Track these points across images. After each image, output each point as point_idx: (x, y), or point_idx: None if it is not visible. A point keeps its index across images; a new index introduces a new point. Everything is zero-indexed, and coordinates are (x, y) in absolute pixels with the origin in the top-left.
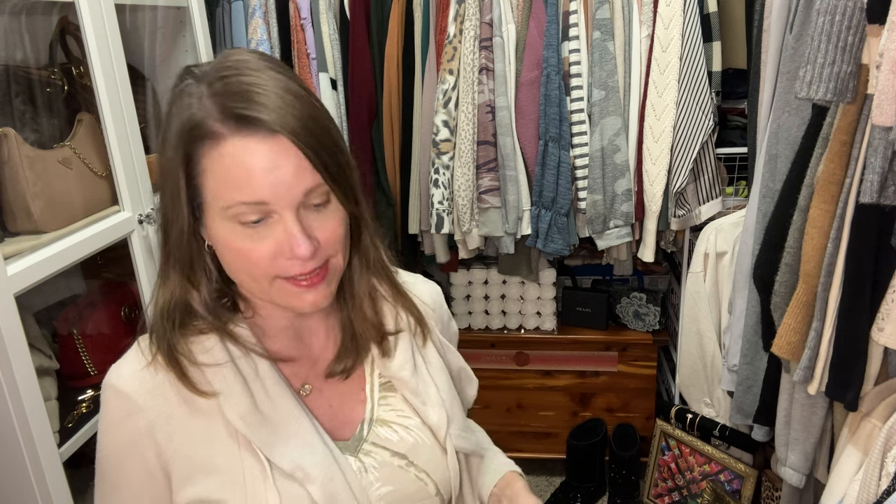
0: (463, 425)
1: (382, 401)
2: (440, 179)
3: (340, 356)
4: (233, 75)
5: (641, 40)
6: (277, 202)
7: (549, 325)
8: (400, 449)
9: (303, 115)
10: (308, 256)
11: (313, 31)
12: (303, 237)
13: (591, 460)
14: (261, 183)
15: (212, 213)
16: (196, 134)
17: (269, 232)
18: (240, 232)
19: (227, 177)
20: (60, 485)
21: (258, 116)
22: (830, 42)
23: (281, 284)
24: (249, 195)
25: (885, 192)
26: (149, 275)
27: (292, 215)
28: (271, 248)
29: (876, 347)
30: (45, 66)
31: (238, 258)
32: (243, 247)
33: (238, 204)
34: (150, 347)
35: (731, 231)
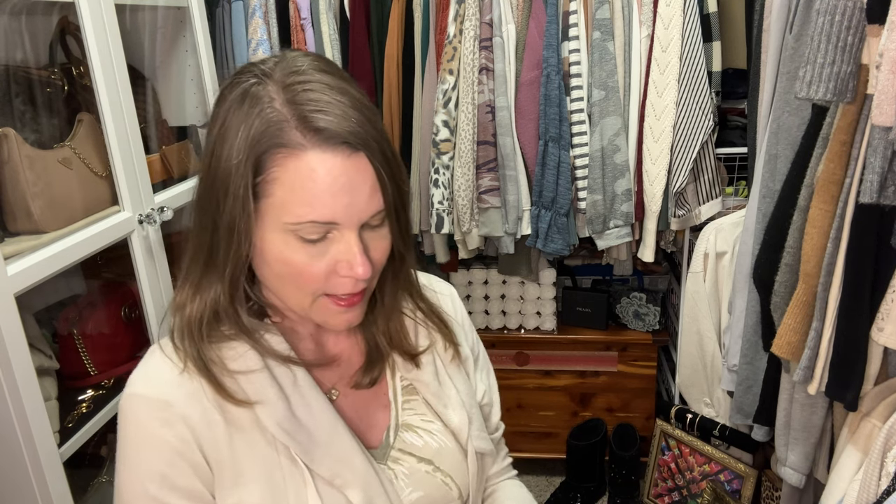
0: (481, 426)
1: (406, 405)
2: (440, 179)
3: (367, 369)
4: (304, 81)
5: (641, 40)
6: (347, 222)
7: (549, 325)
8: (425, 454)
9: (377, 133)
10: (366, 277)
11: (313, 31)
12: (363, 257)
13: (591, 460)
14: (337, 203)
15: (268, 224)
16: (270, 141)
17: (327, 248)
18: (297, 247)
19: (300, 191)
20: (60, 485)
21: (339, 132)
22: (830, 42)
23: (323, 302)
24: (322, 214)
25: (884, 192)
26: (149, 275)
27: (355, 235)
28: (329, 265)
29: (876, 347)
30: (45, 66)
31: (290, 272)
32: (299, 262)
33: (308, 222)
34: (178, 354)
35: (731, 231)
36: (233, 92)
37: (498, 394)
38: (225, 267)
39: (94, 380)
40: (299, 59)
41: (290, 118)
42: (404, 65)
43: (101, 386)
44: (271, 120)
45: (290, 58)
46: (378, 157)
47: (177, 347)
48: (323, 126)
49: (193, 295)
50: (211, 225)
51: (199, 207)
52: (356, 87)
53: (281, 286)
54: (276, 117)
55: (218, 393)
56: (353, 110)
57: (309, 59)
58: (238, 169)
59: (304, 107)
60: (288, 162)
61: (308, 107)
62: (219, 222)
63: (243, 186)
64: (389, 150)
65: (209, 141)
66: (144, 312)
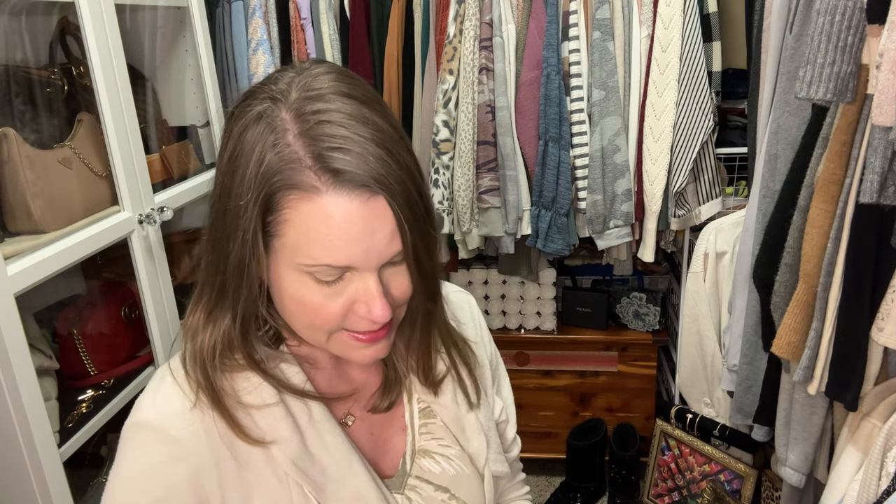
0: (498, 447)
1: (423, 429)
2: (440, 179)
3: (384, 393)
4: (321, 110)
5: (641, 40)
6: (364, 266)
7: (549, 325)
8: (442, 482)
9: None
10: (386, 319)
11: (313, 31)
12: (382, 300)
13: (591, 460)
14: (353, 247)
15: (281, 261)
16: (282, 181)
17: (344, 289)
18: (312, 287)
19: (315, 235)
20: (60, 485)
21: (358, 173)
22: (830, 42)
23: (342, 337)
24: (338, 259)
25: (884, 192)
26: (149, 275)
27: (374, 276)
28: (345, 305)
29: (876, 347)
30: (45, 66)
31: (304, 311)
32: (314, 302)
33: (323, 266)
34: (190, 383)
35: (731, 231)
36: (244, 115)
37: (514, 406)
38: (236, 304)
39: (94, 380)
40: (319, 78)
41: (305, 156)
42: (404, 65)
43: (101, 386)
44: (284, 157)
45: (308, 76)
46: (399, 199)
47: (188, 376)
48: (340, 168)
49: (206, 322)
50: (223, 260)
51: (211, 237)
52: (381, 110)
53: (295, 322)
54: (289, 155)
55: (230, 429)
56: (375, 146)
57: (330, 79)
58: (247, 210)
59: (320, 143)
60: (301, 204)
61: (324, 144)
62: (229, 259)
63: (252, 230)
64: (415, 188)
65: (219, 169)
66: (144, 312)
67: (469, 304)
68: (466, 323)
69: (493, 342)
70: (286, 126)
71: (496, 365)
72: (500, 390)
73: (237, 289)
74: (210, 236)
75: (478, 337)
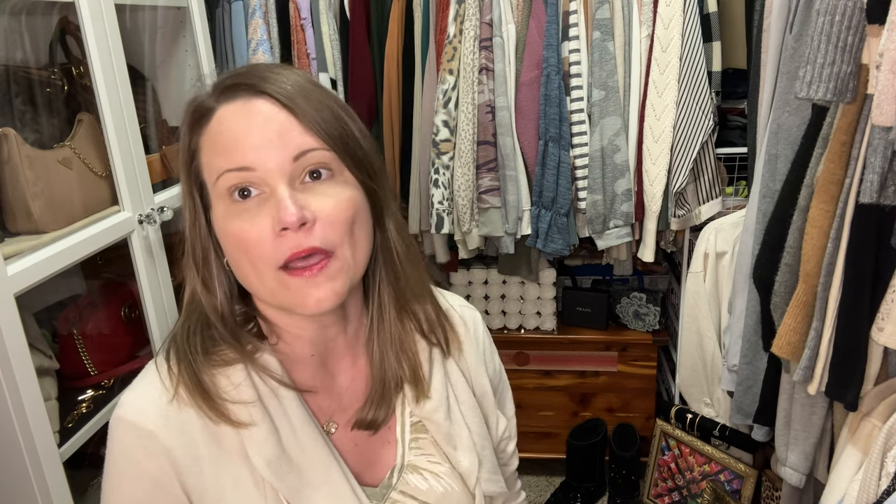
0: (493, 467)
1: (413, 443)
2: (440, 179)
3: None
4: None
5: (641, 40)
6: (263, 168)
7: (549, 325)
8: (429, 499)
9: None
10: (295, 223)
11: (313, 31)
12: (290, 202)
13: (591, 460)
14: (243, 145)
15: (213, 201)
16: (195, 118)
17: (260, 209)
18: (233, 212)
19: (213, 146)
20: (60, 485)
21: (244, 82)
22: (830, 42)
23: (281, 277)
24: (233, 160)
25: (884, 192)
26: (149, 275)
27: (283, 184)
28: (264, 225)
29: (876, 347)
30: (45, 66)
31: (236, 246)
32: (236, 228)
33: (224, 172)
34: (171, 377)
35: (731, 231)
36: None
37: (514, 419)
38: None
39: (94, 380)
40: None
41: (209, 92)
42: (404, 65)
43: (101, 386)
44: (195, 100)
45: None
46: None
47: (171, 370)
48: (229, 83)
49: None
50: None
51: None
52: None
53: (241, 271)
54: (199, 97)
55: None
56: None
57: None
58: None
59: (222, 79)
60: (205, 128)
61: (225, 77)
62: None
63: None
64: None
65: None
66: (144, 312)
67: (474, 322)
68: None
69: (498, 358)
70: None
71: (499, 381)
72: (503, 407)
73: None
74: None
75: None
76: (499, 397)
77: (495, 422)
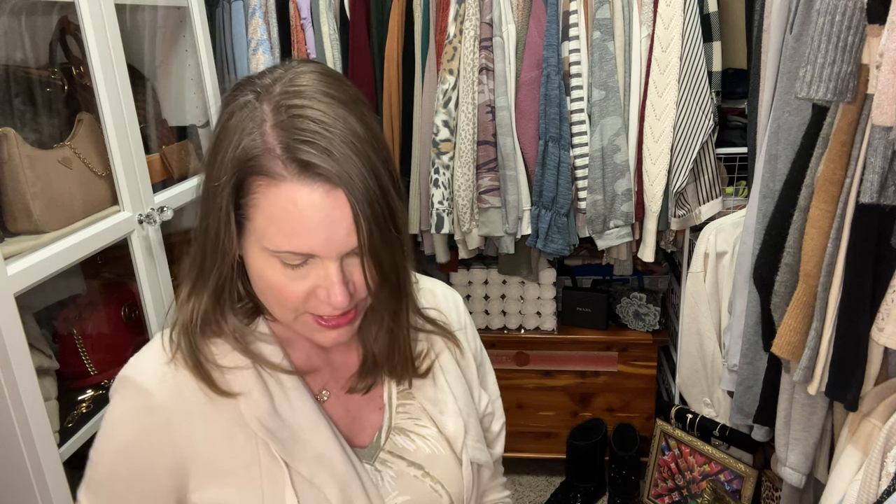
0: (478, 436)
1: (400, 408)
2: (440, 179)
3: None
4: (299, 106)
5: (641, 40)
6: (325, 254)
7: (549, 325)
8: (416, 459)
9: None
10: (345, 307)
11: (313, 31)
12: (342, 287)
13: (591, 460)
14: (314, 236)
15: (252, 243)
16: (254, 166)
17: (308, 273)
18: (278, 270)
19: (279, 221)
20: (60, 485)
21: (322, 166)
22: (830, 42)
23: (306, 319)
24: (299, 246)
25: (885, 192)
26: (149, 275)
27: (335, 264)
28: (307, 289)
29: (876, 347)
30: (45, 66)
31: (271, 290)
32: (279, 283)
33: (286, 252)
34: (170, 345)
35: (731, 231)
36: (229, 105)
37: (500, 401)
38: (209, 276)
39: (93, 380)
40: (304, 76)
41: (276, 145)
42: (404, 65)
43: (101, 386)
44: (257, 145)
45: (293, 73)
46: (358, 195)
47: (171, 339)
48: (305, 159)
49: (189, 296)
50: (203, 234)
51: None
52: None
53: (265, 299)
54: (263, 143)
55: (205, 383)
56: (342, 143)
57: (313, 78)
58: (223, 190)
59: (291, 135)
60: (268, 191)
61: (295, 136)
62: (208, 233)
63: (225, 209)
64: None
65: (207, 152)
66: (144, 312)
67: (454, 300)
68: (449, 315)
69: (479, 339)
70: (264, 117)
71: (481, 360)
72: (485, 385)
73: (213, 262)
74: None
75: (461, 330)
76: (481, 376)
77: (478, 395)
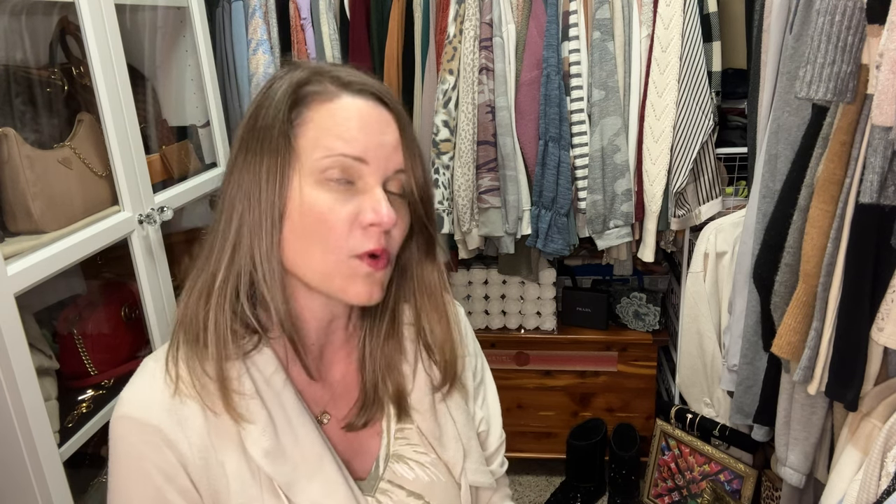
0: (479, 458)
1: (399, 434)
2: (440, 179)
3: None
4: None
5: (641, 40)
6: (374, 165)
7: (549, 325)
8: (415, 488)
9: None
10: (389, 224)
11: (313, 31)
12: (387, 204)
13: (591, 460)
14: (368, 139)
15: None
16: (305, 93)
17: (352, 197)
18: (324, 193)
19: (334, 127)
20: (60, 485)
21: (370, 84)
22: (830, 42)
23: (355, 264)
24: (354, 148)
25: (884, 192)
26: (149, 275)
27: (380, 185)
28: (352, 212)
29: (876, 347)
30: (45, 66)
31: (317, 225)
32: (326, 207)
33: (339, 155)
34: (171, 372)
35: (731, 231)
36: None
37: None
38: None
39: (94, 380)
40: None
41: (325, 76)
42: (404, 65)
43: (101, 386)
44: (308, 76)
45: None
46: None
47: (169, 364)
48: (352, 80)
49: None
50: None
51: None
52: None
53: (310, 248)
54: (312, 75)
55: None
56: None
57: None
58: (277, 113)
59: (333, 71)
60: (322, 106)
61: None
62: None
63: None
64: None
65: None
66: (144, 312)
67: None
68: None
69: (482, 355)
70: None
71: (482, 377)
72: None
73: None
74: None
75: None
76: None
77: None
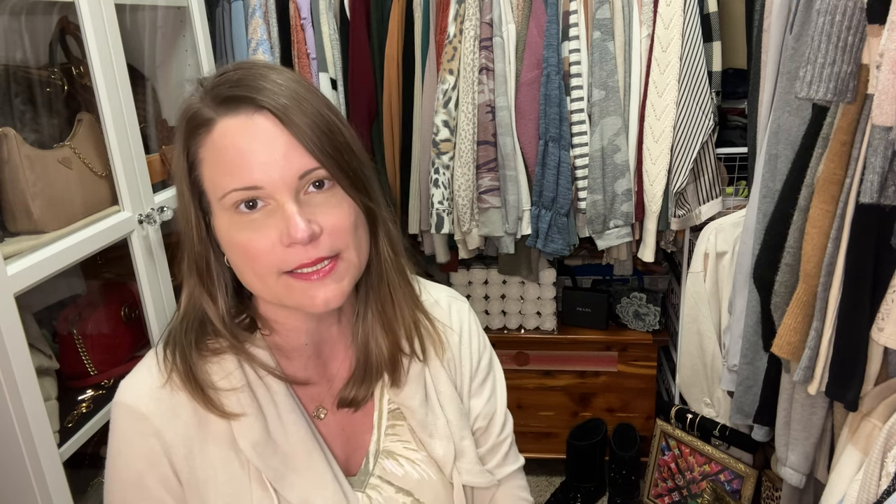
0: (474, 458)
1: (390, 430)
2: (440, 179)
3: (352, 384)
4: (231, 70)
5: (641, 40)
6: (271, 186)
7: (549, 325)
8: (405, 485)
9: (295, 96)
10: (305, 239)
11: (313, 31)
12: (299, 218)
13: (591, 460)
14: (250, 163)
15: (215, 210)
16: (192, 125)
17: (267, 221)
18: (239, 223)
19: (218, 162)
20: (60, 485)
21: (245, 94)
22: (830, 42)
23: (287, 281)
24: (241, 180)
25: (885, 192)
26: (149, 275)
27: (290, 199)
28: (270, 237)
29: (876, 347)
30: (45, 66)
31: (242, 255)
32: (243, 239)
33: (232, 191)
34: (165, 364)
35: (731, 231)
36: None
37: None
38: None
39: (94, 380)
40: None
41: (207, 100)
42: (404, 65)
43: (101, 386)
44: (191, 108)
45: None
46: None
47: (165, 357)
48: (229, 94)
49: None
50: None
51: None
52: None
53: (244, 275)
54: (196, 105)
55: (199, 404)
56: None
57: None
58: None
59: (218, 87)
60: (206, 140)
61: (222, 86)
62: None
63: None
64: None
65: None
66: (144, 312)
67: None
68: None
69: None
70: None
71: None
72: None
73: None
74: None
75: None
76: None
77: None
